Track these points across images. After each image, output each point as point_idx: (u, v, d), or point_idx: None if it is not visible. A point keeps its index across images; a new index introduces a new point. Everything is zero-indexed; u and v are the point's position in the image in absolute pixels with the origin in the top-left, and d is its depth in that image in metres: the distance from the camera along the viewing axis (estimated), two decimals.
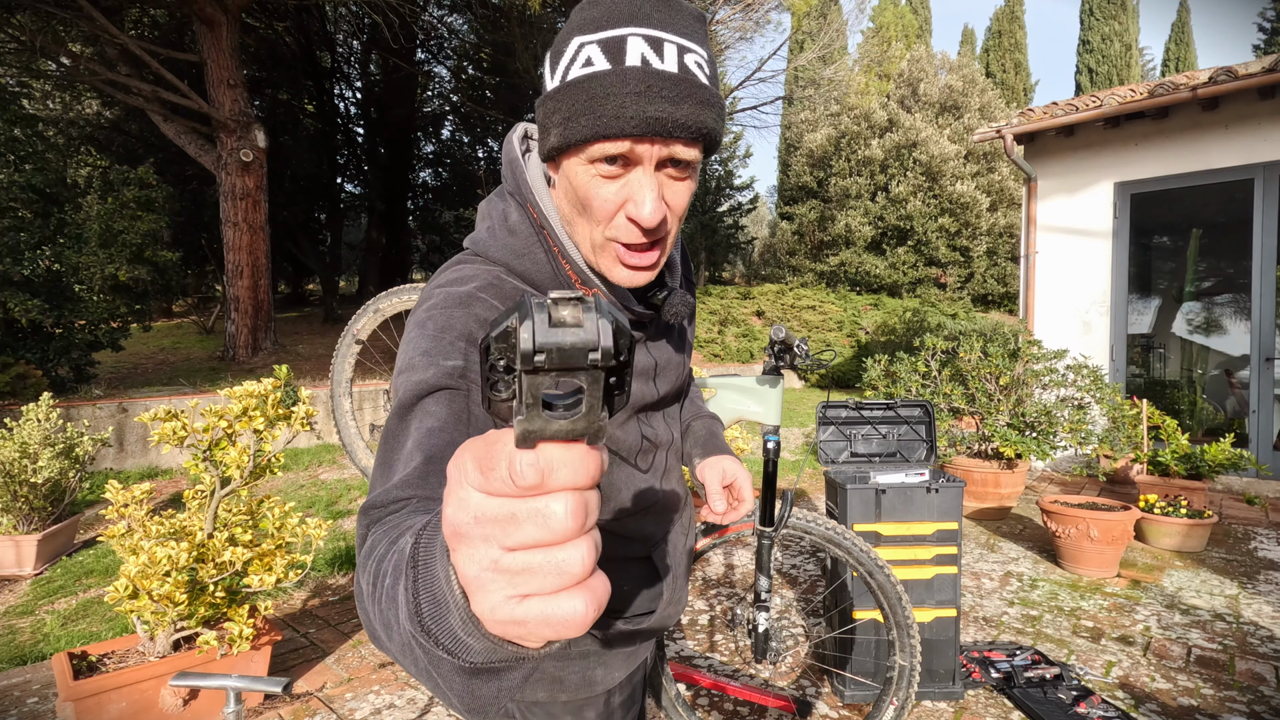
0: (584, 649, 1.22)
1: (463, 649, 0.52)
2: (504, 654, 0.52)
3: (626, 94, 0.86)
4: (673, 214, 0.97)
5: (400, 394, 0.90)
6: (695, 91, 0.89)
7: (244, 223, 12.28)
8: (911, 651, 2.64)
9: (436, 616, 0.53)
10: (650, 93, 0.86)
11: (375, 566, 0.67)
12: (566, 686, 1.22)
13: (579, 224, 0.99)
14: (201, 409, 3.29)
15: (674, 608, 1.32)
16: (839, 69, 21.21)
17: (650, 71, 0.87)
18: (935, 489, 3.36)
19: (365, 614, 0.68)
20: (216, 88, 11.97)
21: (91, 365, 9.27)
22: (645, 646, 1.34)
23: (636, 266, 0.99)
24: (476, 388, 0.91)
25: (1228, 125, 7.77)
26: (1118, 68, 35.44)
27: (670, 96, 0.87)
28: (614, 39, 0.88)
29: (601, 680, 1.24)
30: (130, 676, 3.03)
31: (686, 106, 0.88)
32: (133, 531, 3.15)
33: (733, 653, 3.93)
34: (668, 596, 1.28)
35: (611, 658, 1.26)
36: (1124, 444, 6.58)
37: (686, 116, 0.88)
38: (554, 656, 1.21)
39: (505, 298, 1.02)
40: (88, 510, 6.22)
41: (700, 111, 0.89)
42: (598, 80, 0.87)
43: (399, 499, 0.78)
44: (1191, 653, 3.89)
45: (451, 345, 0.93)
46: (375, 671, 3.73)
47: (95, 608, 4.57)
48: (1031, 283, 9.12)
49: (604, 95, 0.86)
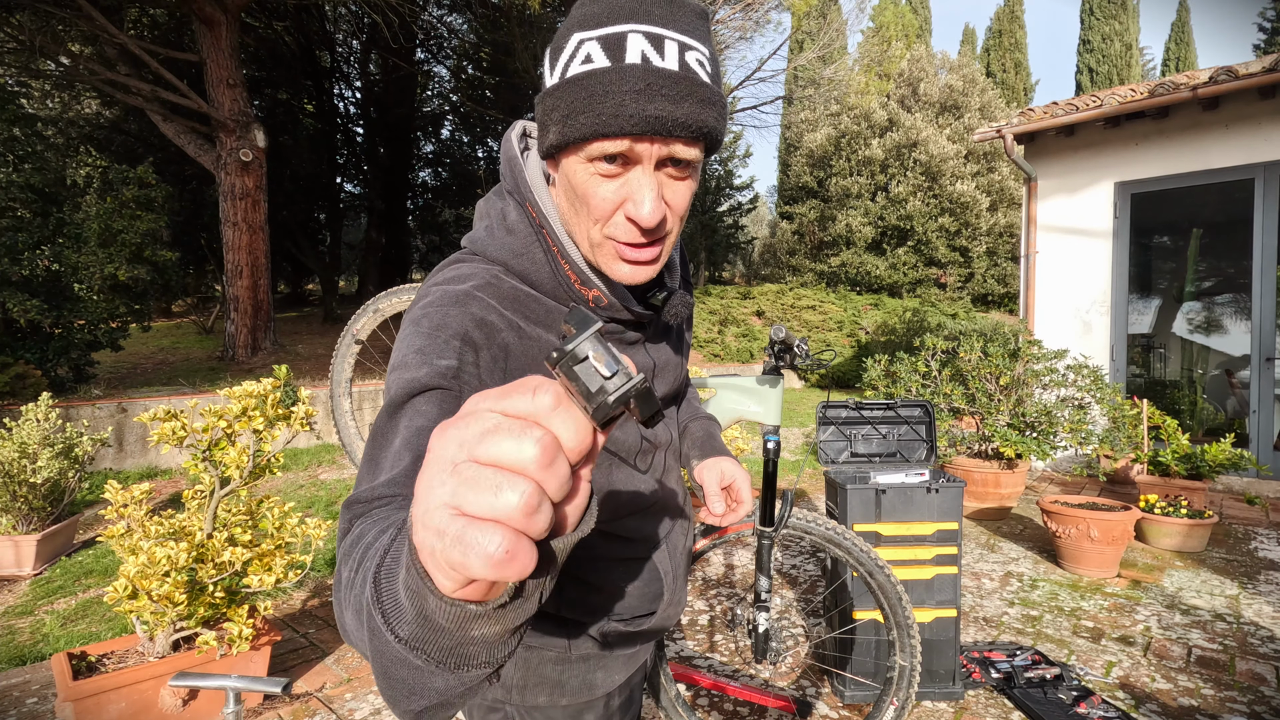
0: (585, 652, 1.21)
1: (398, 613, 0.53)
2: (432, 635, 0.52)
3: (626, 92, 0.85)
4: (673, 214, 0.96)
5: (391, 391, 0.90)
6: (696, 90, 0.88)
7: (243, 222, 12.27)
8: (912, 652, 2.64)
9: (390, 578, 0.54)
10: (650, 91, 0.85)
11: (360, 554, 0.67)
12: (567, 690, 1.21)
13: (578, 222, 0.98)
14: (201, 409, 3.29)
15: (674, 609, 1.31)
16: (839, 69, 21.19)
17: (651, 69, 0.85)
18: (935, 489, 3.37)
19: (339, 603, 0.68)
20: (216, 87, 11.96)
21: (91, 365, 9.26)
22: (645, 648, 1.33)
23: (636, 262, 0.97)
24: (469, 388, 0.91)
25: (1228, 125, 7.77)
26: (1118, 67, 35.45)
27: (671, 95, 0.86)
28: (614, 35, 0.87)
29: (601, 683, 1.23)
30: (129, 677, 3.03)
31: (687, 105, 0.87)
32: (132, 531, 3.15)
33: (733, 653, 3.93)
34: (668, 598, 1.27)
35: (612, 660, 1.24)
36: (1124, 444, 6.58)
37: (687, 115, 0.87)
38: (554, 660, 1.20)
39: (503, 297, 1.01)
40: (87, 510, 6.22)
41: (701, 110, 0.88)
42: (597, 77, 0.86)
43: (384, 496, 0.78)
44: (1192, 653, 3.89)
45: (446, 344, 0.93)
46: None
47: (94, 608, 4.57)
48: (1032, 283, 9.11)
49: (603, 93, 0.85)
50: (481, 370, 0.94)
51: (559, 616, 1.19)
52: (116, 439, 7.62)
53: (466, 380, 0.91)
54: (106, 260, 9.06)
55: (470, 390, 0.91)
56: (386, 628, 0.53)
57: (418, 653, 0.53)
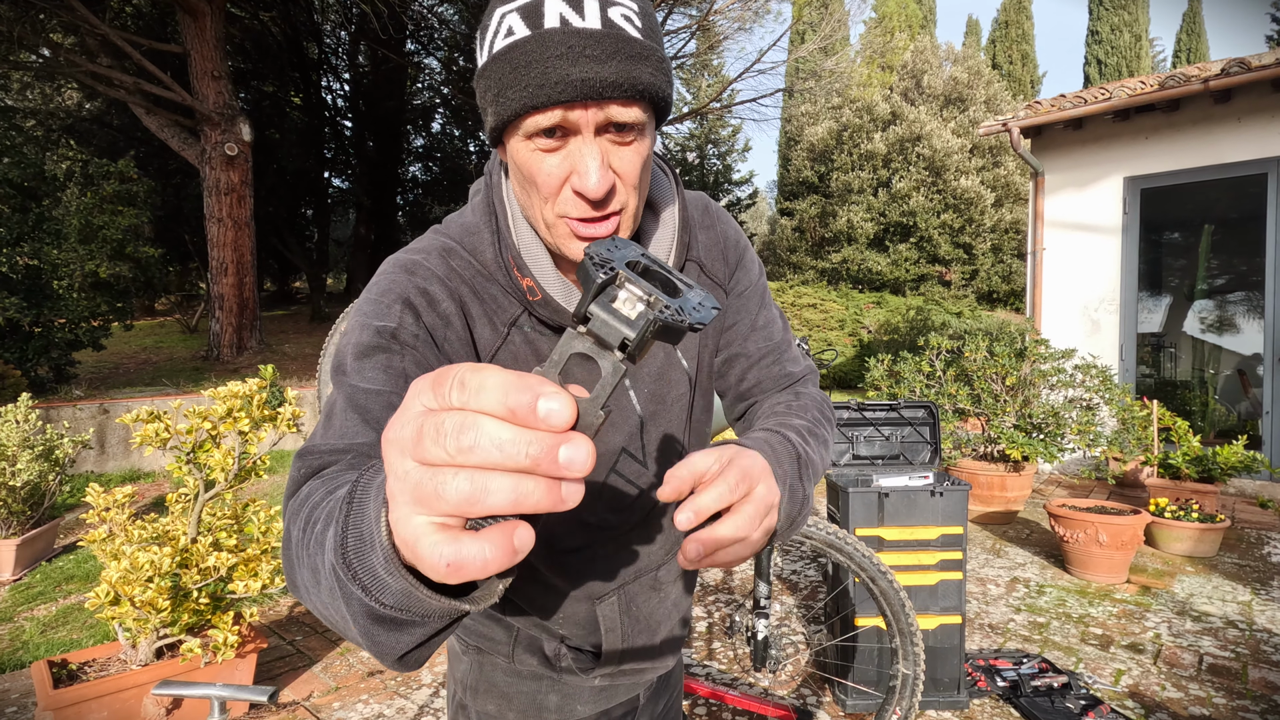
0: (532, 669, 1.21)
1: (380, 587, 0.54)
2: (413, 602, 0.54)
3: (549, 59, 0.82)
4: (624, 183, 0.91)
5: (337, 355, 0.94)
6: (624, 46, 0.84)
7: (228, 218, 12.27)
8: (915, 659, 2.64)
9: (360, 551, 0.55)
10: (572, 54, 0.82)
11: (308, 513, 0.70)
12: (514, 705, 1.21)
13: (531, 204, 0.95)
14: (185, 410, 3.29)
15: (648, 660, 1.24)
16: (841, 60, 21.26)
17: (570, 30, 0.82)
18: (940, 492, 3.37)
19: (289, 561, 0.71)
20: (200, 80, 11.95)
21: (72, 365, 9.26)
22: (624, 687, 1.27)
23: (591, 238, 0.92)
24: (410, 349, 0.94)
25: (1240, 118, 7.78)
26: (1127, 59, 35.50)
27: (595, 55, 0.82)
28: (531, 3, 0.84)
29: (557, 709, 1.21)
30: (111, 685, 3.03)
31: (614, 64, 0.83)
32: (114, 536, 3.15)
33: (731, 661, 3.93)
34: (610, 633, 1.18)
35: (572, 689, 1.22)
36: (1134, 446, 6.58)
37: (616, 74, 0.83)
38: (503, 670, 1.22)
39: (451, 271, 1.02)
40: (68, 514, 6.22)
41: (632, 67, 0.84)
42: (519, 48, 0.84)
43: (334, 449, 0.83)
44: (1203, 661, 3.90)
45: (388, 308, 0.95)
46: (364, 680, 3.73)
47: (75, 614, 4.56)
48: (1038, 280, 9.12)
49: (526, 64, 0.83)
50: (420, 332, 0.95)
51: (505, 622, 1.20)
52: (98, 441, 7.61)
53: (405, 340, 0.94)
54: (87, 257, 9.07)
55: (409, 350, 0.93)
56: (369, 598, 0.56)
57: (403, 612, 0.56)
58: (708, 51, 21.03)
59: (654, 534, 1.19)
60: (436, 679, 3.71)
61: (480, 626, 1.22)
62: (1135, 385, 8.39)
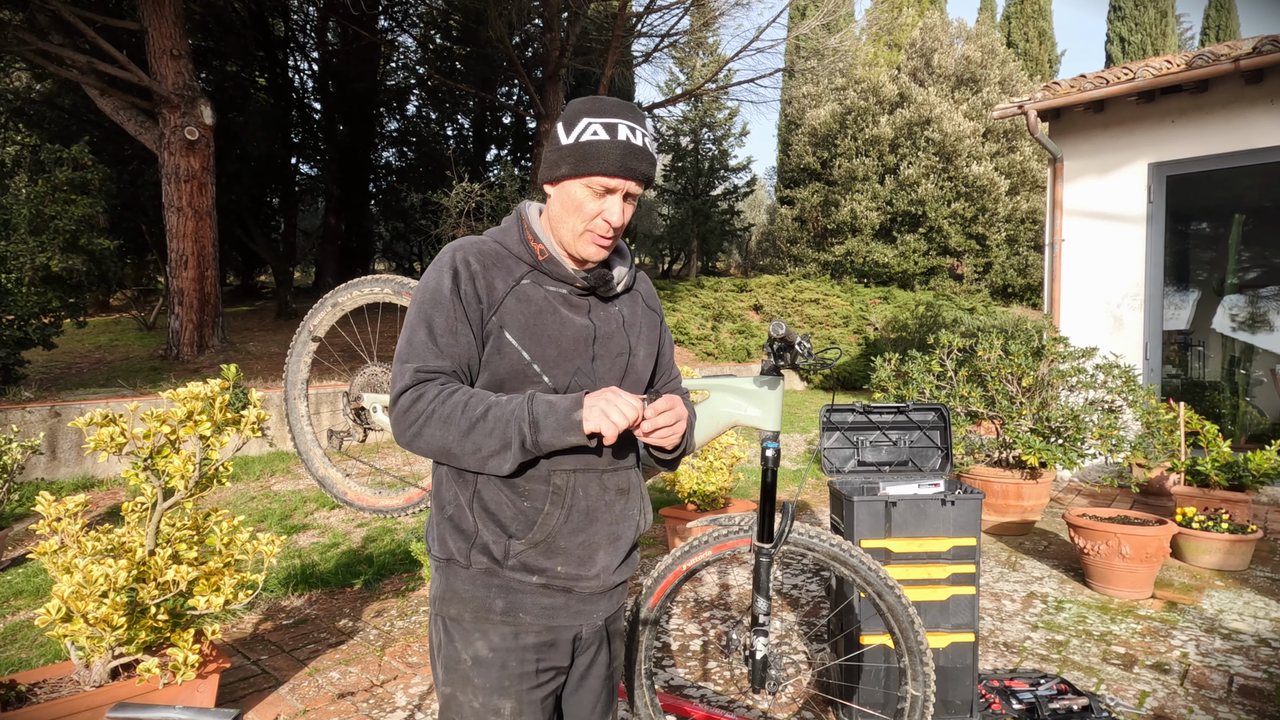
0: (484, 567, 1.72)
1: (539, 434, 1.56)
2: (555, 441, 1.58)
3: (618, 154, 1.63)
4: (623, 224, 1.72)
5: (416, 303, 1.72)
6: (649, 157, 1.69)
7: (189, 207, 12.23)
8: (925, 680, 2.64)
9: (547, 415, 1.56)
10: (630, 155, 1.64)
11: (448, 394, 1.60)
12: (469, 605, 1.73)
13: (567, 220, 1.71)
14: (142, 413, 3.27)
15: (576, 561, 1.77)
16: (844, 38, 21.28)
17: (631, 145, 1.65)
18: (951, 501, 3.38)
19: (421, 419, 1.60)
20: (158, 58, 11.91)
21: (20, 365, 9.20)
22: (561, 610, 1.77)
23: (601, 246, 1.73)
24: (455, 298, 1.68)
25: (1274, 100, 7.80)
26: (1152, 36, 35.62)
27: (640, 159, 1.66)
28: (610, 123, 1.65)
29: (501, 610, 1.72)
30: (63, 708, 3.01)
31: (645, 166, 1.67)
32: (66, 548, 3.14)
33: (728, 681, 3.94)
34: (544, 527, 1.73)
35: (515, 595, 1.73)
36: (1159, 451, 6.60)
37: (645, 172, 1.68)
38: (463, 575, 1.74)
39: (483, 252, 1.75)
40: (16, 524, 6.19)
41: (650, 169, 1.69)
42: (602, 144, 1.63)
43: (437, 369, 1.65)
44: (1234, 681, 3.92)
45: (441, 273, 1.71)
46: (333, 703, 3.72)
47: (25, 632, 4.55)
48: (1057, 273, 9.14)
49: (604, 153, 1.63)
50: (462, 287, 1.68)
51: (466, 532, 1.74)
52: (49, 446, 7.58)
53: (452, 293, 1.68)
54: (38, 249, 9.02)
55: (456, 299, 1.68)
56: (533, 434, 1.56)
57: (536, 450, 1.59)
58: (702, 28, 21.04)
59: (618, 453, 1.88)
60: (411, 701, 3.71)
61: (449, 537, 1.76)
62: (1161, 386, 8.42)
